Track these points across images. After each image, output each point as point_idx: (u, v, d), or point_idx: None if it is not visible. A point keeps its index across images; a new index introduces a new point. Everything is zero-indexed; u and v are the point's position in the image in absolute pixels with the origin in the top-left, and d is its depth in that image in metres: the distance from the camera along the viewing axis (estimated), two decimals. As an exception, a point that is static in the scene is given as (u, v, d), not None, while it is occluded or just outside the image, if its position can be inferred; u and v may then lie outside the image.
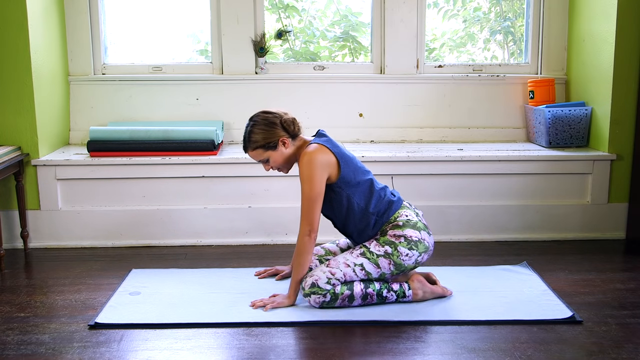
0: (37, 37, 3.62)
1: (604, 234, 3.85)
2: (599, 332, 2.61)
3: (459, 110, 4.27)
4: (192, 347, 2.48)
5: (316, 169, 2.73)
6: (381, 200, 2.86)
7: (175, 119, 4.15)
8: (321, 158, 2.75)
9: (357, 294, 2.81)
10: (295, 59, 4.39)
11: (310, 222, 2.74)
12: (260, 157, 2.85)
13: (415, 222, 2.85)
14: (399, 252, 2.79)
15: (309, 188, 2.73)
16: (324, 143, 2.80)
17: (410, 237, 2.81)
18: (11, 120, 3.61)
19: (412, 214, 2.89)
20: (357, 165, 2.86)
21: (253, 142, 2.81)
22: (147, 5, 4.33)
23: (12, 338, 2.57)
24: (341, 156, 2.80)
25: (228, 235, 3.76)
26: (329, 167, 2.76)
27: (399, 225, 2.82)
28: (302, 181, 2.75)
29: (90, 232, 3.71)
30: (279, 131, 2.80)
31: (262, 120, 2.81)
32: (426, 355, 2.43)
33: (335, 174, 2.78)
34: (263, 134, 2.79)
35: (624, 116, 3.77)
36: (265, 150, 2.82)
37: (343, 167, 2.79)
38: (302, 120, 4.14)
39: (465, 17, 4.54)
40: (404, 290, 2.86)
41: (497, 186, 3.80)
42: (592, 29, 3.93)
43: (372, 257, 2.80)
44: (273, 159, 2.84)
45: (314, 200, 2.73)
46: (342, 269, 2.79)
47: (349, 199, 2.81)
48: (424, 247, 2.85)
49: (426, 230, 2.88)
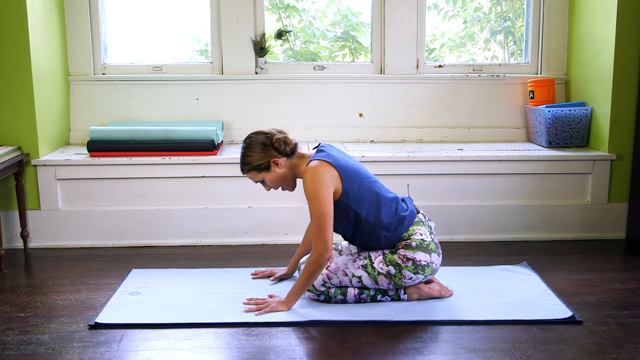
0: (37, 37, 3.62)
1: (604, 234, 3.85)
2: (599, 332, 2.61)
3: (459, 110, 4.27)
4: (192, 347, 2.48)
5: (321, 185, 2.65)
6: (392, 215, 2.77)
7: (175, 119, 4.15)
8: (324, 173, 2.67)
9: (350, 299, 2.83)
10: (295, 59, 4.39)
11: (324, 240, 2.64)
12: (256, 179, 2.80)
13: (428, 243, 2.79)
14: (402, 275, 2.76)
15: (317, 205, 2.64)
16: (324, 158, 2.71)
17: (419, 261, 2.75)
18: (11, 120, 3.61)
19: (426, 232, 2.82)
20: (361, 177, 2.77)
21: (246, 164, 2.77)
22: (147, 5, 4.33)
23: (12, 338, 2.57)
24: (342, 169, 2.72)
25: (228, 235, 3.76)
26: (333, 181, 2.68)
27: (411, 246, 2.76)
28: (309, 199, 2.67)
29: (90, 232, 3.71)
30: (270, 152, 2.74)
31: (252, 143, 2.76)
32: (426, 355, 2.43)
33: (340, 188, 2.70)
34: (254, 156, 2.75)
35: (624, 116, 3.77)
36: (259, 172, 2.77)
37: (345, 181, 2.71)
38: (302, 120, 4.21)
39: (465, 17, 4.54)
40: (399, 295, 2.86)
41: (497, 186, 3.80)
42: (592, 29, 3.93)
43: (372, 273, 2.77)
44: (269, 180, 2.79)
45: (324, 216, 2.64)
46: (339, 276, 2.79)
47: (356, 214, 2.74)
48: (431, 270, 2.81)
49: (437, 251, 2.83)
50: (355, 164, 2.84)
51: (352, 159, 2.88)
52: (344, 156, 2.82)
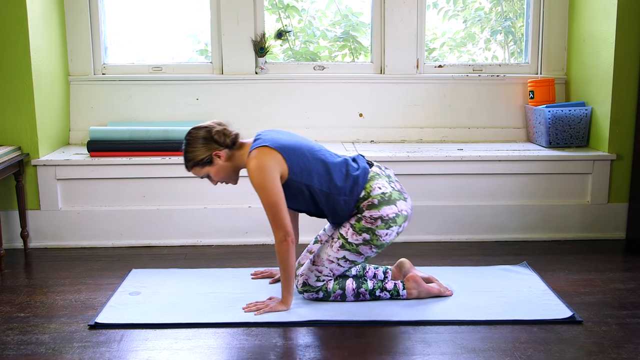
0: (37, 37, 3.62)
1: (604, 234, 3.85)
2: (599, 332, 2.61)
3: (459, 110, 4.27)
4: (192, 347, 2.48)
5: (265, 173, 2.64)
6: (344, 177, 2.75)
7: (175, 119, 4.15)
8: (267, 161, 2.65)
9: (349, 293, 2.84)
10: (295, 59, 4.39)
11: (282, 226, 2.66)
12: (200, 174, 2.78)
13: (389, 194, 2.75)
14: (378, 236, 2.73)
15: (266, 194, 2.65)
16: (263, 144, 2.69)
17: (387, 215, 2.72)
18: (11, 120, 3.61)
19: (384, 183, 2.78)
20: (304, 149, 2.75)
21: (189, 160, 2.75)
22: (147, 5, 4.33)
23: (12, 338, 2.57)
24: (283, 148, 2.69)
25: (228, 235, 3.76)
26: (277, 166, 2.67)
27: (374, 204, 2.73)
28: (257, 190, 2.67)
29: (90, 232, 3.71)
30: (211, 145, 2.73)
31: (192, 138, 2.75)
32: (426, 355, 2.43)
33: (285, 168, 2.69)
34: (195, 152, 2.73)
35: (624, 116, 3.77)
36: (202, 167, 2.75)
37: (289, 159, 2.69)
38: (302, 120, 4.21)
39: (465, 17, 4.54)
40: (398, 290, 2.87)
41: (497, 186, 3.80)
42: (592, 29, 3.93)
43: (352, 248, 2.76)
44: (213, 174, 2.77)
45: (275, 204, 2.65)
46: (327, 265, 2.80)
47: (308, 187, 2.73)
48: (403, 218, 2.77)
49: (401, 197, 2.79)
50: (297, 139, 2.81)
51: (293, 134, 2.86)
52: (282, 135, 2.79)
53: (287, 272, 2.74)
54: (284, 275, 2.75)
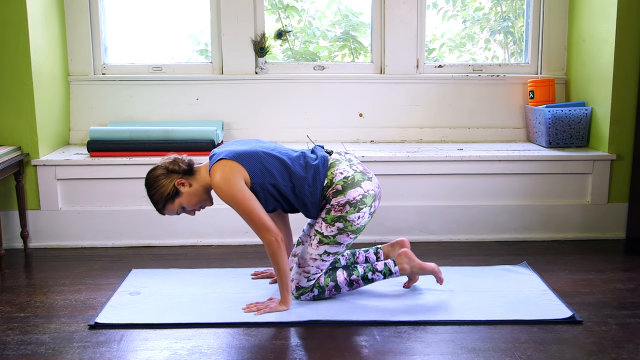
0: (37, 37, 3.62)
1: (604, 234, 3.85)
2: (599, 332, 2.61)
3: (459, 110, 4.27)
4: (192, 347, 2.48)
5: (230, 184, 2.65)
6: (304, 169, 2.76)
7: (175, 119, 4.15)
8: (227, 172, 2.65)
9: (342, 283, 2.87)
10: (295, 59, 4.39)
11: (265, 228, 2.67)
12: (175, 209, 2.77)
13: (352, 177, 2.75)
14: (350, 221, 2.73)
15: (238, 203, 2.66)
16: (220, 157, 2.70)
17: (354, 199, 2.72)
18: (11, 120, 3.61)
19: (345, 167, 2.79)
20: (259, 153, 2.74)
21: (156, 202, 2.75)
22: (147, 5, 4.33)
23: (12, 338, 2.57)
24: (239, 157, 2.69)
25: (228, 235, 3.76)
26: (239, 174, 2.67)
27: (339, 190, 2.73)
28: (228, 202, 2.68)
29: (90, 232, 3.71)
30: (170, 176, 2.73)
31: (151, 180, 2.75)
32: (426, 355, 2.43)
33: (247, 175, 2.69)
34: (159, 189, 2.72)
35: (624, 116, 3.77)
36: (173, 202, 2.75)
37: (248, 166, 2.69)
38: (302, 120, 4.21)
39: (465, 17, 4.54)
40: (390, 268, 2.89)
41: (497, 186, 3.80)
42: (592, 29, 3.93)
43: (330, 240, 2.76)
44: (186, 203, 2.76)
45: (250, 209, 2.66)
46: (312, 264, 2.81)
47: (274, 186, 2.73)
48: (371, 198, 2.77)
49: (364, 178, 2.78)
50: (251, 144, 2.81)
51: (247, 140, 2.87)
52: (236, 145, 2.80)
53: (282, 271, 2.74)
54: (280, 275, 2.75)
